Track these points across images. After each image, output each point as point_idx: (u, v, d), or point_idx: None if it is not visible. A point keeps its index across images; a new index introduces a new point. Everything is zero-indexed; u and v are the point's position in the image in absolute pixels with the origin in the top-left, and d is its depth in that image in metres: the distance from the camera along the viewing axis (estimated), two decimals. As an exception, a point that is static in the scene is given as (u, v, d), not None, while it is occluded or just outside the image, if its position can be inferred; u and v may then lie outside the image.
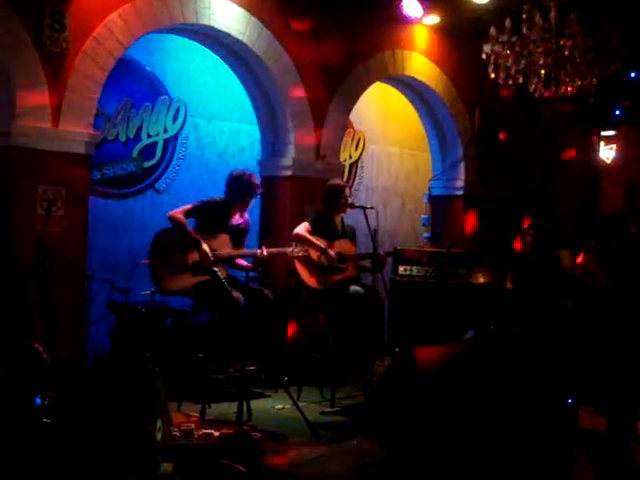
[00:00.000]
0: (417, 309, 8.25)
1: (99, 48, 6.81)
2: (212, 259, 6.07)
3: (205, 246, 6.11)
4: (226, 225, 6.37)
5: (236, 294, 5.88)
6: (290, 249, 6.25)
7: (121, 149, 8.12)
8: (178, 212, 6.27)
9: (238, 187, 6.44)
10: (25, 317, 5.35)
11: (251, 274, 6.46)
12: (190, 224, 6.32)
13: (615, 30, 7.48)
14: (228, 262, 6.36)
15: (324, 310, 6.90)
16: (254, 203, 8.42)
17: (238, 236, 6.45)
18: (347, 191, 6.98)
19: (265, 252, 6.17)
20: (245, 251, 6.47)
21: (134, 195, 8.23)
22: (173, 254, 6.16)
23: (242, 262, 6.49)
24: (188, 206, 6.35)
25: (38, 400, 4.25)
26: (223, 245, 6.27)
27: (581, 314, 6.69)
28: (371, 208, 6.59)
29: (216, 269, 5.69)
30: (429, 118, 10.09)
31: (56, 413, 4.22)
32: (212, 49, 8.11)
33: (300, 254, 6.34)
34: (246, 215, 6.60)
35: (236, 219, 6.50)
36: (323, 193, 7.02)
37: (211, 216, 6.32)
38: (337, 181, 7.28)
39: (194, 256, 6.15)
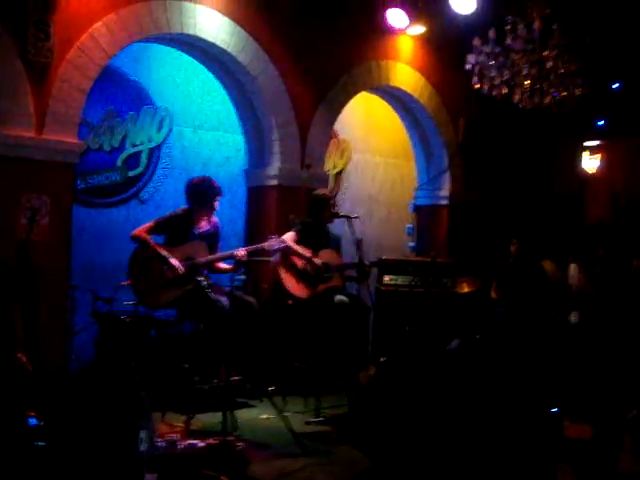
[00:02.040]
0: (402, 318, 8.25)
1: (84, 57, 6.80)
2: (183, 270, 6.06)
3: (173, 260, 6.08)
4: (193, 234, 6.33)
5: (223, 299, 5.87)
6: (267, 243, 6.20)
7: (105, 158, 8.10)
8: (141, 230, 6.22)
9: (201, 193, 6.39)
10: (8, 327, 5.31)
11: (236, 282, 6.43)
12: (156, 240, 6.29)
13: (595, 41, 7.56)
14: (208, 267, 6.33)
15: (309, 320, 6.89)
16: (237, 212, 8.49)
17: (210, 242, 6.42)
18: (332, 201, 6.99)
19: (242, 252, 6.14)
20: (222, 254, 6.41)
21: (118, 204, 8.20)
22: (152, 270, 6.12)
23: (222, 265, 6.45)
24: (150, 223, 6.29)
25: (33, 421, 4.20)
26: (200, 252, 6.23)
27: (567, 323, 6.73)
28: (356, 217, 6.60)
29: (200, 278, 5.68)
30: (414, 128, 10.13)
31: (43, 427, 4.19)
32: (197, 58, 8.12)
33: (278, 246, 6.30)
34: (213, 219, 6.51)
35: (203, 225, 6.44)
36: (308, 203, 7.02)
37: (176, 228, 6.28)
38: (322, 191, 7.29)
39: (170, 273, 6.13)
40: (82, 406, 4.46)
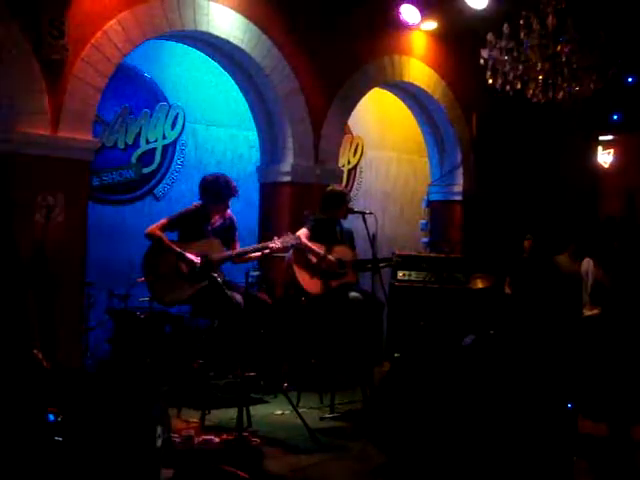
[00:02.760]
0: (416, 314, 8.25)
1: (98, 55, 6.83)
2: (199, 262, 6.08)
3: (189, 255, 6.10)
4: (207, 230, 6.34)
5: (237, 296, 5.89)
6: (281, 240, 6.16)
7: (120, 155, 8.14)
8: (155, 228, 6.22)
9: (216, 191, 6.36)
10: (24, 323, 5.35)
11: (250, 279, 6.45)
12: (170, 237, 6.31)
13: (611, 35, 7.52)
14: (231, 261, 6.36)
15: (323, 316, 6.89)
16: (250, 209, 8.50)
17: (227, 235, 6.43)
18: (348, 197, 6.98)
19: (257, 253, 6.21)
20: (237, 250, 6.43)
21: (133, 201, 8.24)
22: (166, 267, 6.14)
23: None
24: (163, 220, 6.29)
25: (51, 417, 4.23)
26: (214, 248, 6.24)
27: (581, 318, 6.71)
28: (370, 213, 6.59)
29: (215, 274, 5.71)
30: (427, 124, 10.11)
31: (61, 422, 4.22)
32: (210, 56, 8.13)
33: (291, 243, 6.28)
34: (228, 212, 6.50)
35: (217, 220, 6.43)
36: (323, 198, 6.99)
37: (189, 224, 6.29)
38: (338, 187, 7.28)
39: (187, 265, 6.15)
40: (99, 402, 4.48)
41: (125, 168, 8.17)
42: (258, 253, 6.37)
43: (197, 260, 6.09)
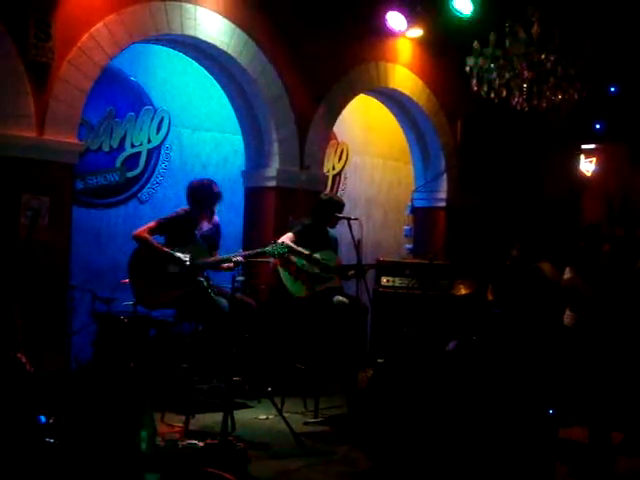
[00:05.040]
0: (399, 320, 8.28)
1: (84, 58, 6.81)
2: (189, 260, 6.06)
3: (179, 254, 6.09)
4: (195, 235, 6.35)
5: (222, 301, 5.89)
6: (268, 248, 6.19)
7: (105, 159, 8.11)
8: (142, 231, 6.24)
9: (201, 197, 6.41)
10: (8, 327, 5.32)
11: (237, 284, 6.44)
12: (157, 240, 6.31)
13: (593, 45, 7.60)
14: (211, 267, 6.35)
15: (308, 320, 6.90)
16: (235, 213, 8.51)
17: (211, 241, 6.46)
18: (343, 208, 6.97)
19: (240, 258, 6.20)
20: (220, 257, 6.44)
21: (117, 205, 8.21)
22: (152, 270, 6.14)
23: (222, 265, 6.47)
24: (152, 223, 6.31)
25: (43, 419, 4.22)
26: (200, 253, 6.25)
27: (563, 325, 6.76)
28: (355, 219, 6.62)
29: (201, 278, 5.71)
30: (412, 130, 10.15)
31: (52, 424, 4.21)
32: (197, 60, 8.13)
33: (278, 251, 6.28)
34: (215, 218, 6.55)
35: (205, 225, 6.47)
36: (319, 204, 6.97)
37: (177, 229, 6.30)
38: (336, 196, 7.35)
39: (173, 269, 6.14)
40: (82, 406, 4.47)
41: (110, 171, 8.14)
42: (242, 260, 6.37)
43: (186, 257, 6.05)
